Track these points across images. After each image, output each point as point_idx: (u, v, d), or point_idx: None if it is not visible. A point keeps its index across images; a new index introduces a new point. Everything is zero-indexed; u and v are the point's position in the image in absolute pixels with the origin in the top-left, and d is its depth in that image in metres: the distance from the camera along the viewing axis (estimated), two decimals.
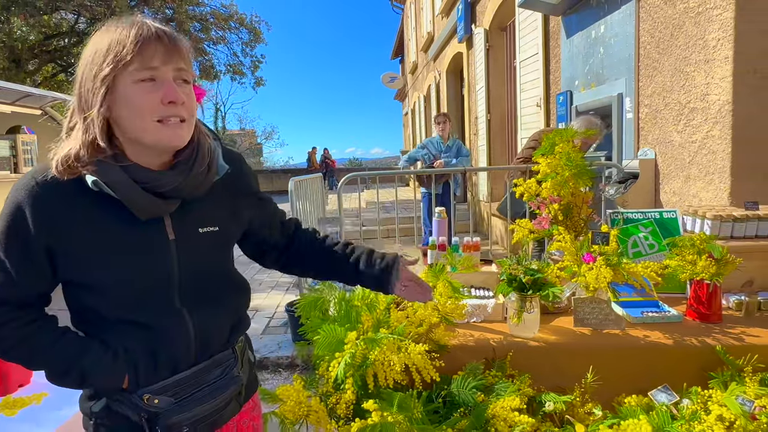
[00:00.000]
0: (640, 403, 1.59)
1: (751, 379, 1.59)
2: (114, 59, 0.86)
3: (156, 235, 0.96)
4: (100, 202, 0.92)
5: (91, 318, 0.99)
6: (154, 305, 0.98)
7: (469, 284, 2.05)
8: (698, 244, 1.87)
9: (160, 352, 0.99)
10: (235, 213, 1.09)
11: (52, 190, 0.90)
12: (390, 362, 1.45)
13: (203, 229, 1.00)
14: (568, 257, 1.89)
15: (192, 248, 0.99)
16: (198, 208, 1.00)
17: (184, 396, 1.01)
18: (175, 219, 0.97)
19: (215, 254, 1.05)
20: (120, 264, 0.94)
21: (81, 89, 0.91)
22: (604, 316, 1.81)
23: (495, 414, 1.42)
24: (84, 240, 0.92)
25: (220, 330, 1.07)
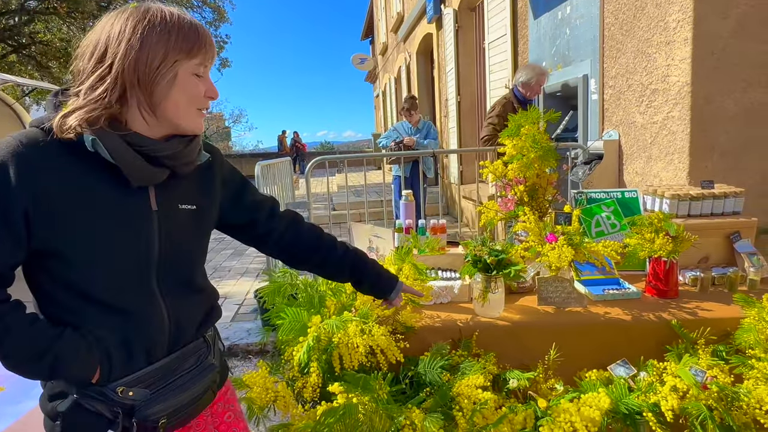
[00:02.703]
0: (600, 377, 1.65)
1: (704, 351, 1.67)
2: (186, 49, 0.94)
3: (141, 204, 0.97)
4: (88, 166, 0.92)
5: (61, 300, 0.94)
6: (131, 286, 0.97)
7: (436, 266, 2.07)
8: (656, 222, 1.93)
9: (134, 341, 0.97)
10: (212, 197, 1.13)
11: (39, 152, 0.89)
12: (354, 344, 1.47)
13: (182, 206, 1.03)
14: (532, 237, 1.94)
15: (171, 222, 1.01)
16: (178, 186, 1.03)
17: (160, 387, 0.99)
18: (158, 191, 1.00)
19: (191, 233, 1.06)
20: (104, 230, 0.92)
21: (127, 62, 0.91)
22: (566, 294, 1.86)
23: (460, 392, 1.46)
24: (69, 203, 0.90)
25: (193, 317, 1.07)
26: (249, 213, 1.25)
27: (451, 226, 5.11)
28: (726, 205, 2.24)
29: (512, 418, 1.44)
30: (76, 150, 0.91)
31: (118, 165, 0.92)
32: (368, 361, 1.53)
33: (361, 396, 1.27)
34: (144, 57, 0.92)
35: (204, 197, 1.10)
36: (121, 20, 0.93)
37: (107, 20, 0.95)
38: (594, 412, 1.46)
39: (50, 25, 12.28)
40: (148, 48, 0.92)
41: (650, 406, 1.50)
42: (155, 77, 0.93)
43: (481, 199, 4.39)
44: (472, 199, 6.17)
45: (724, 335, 1.74)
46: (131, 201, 0.96)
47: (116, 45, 0.92)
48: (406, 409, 1.36)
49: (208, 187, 1.12)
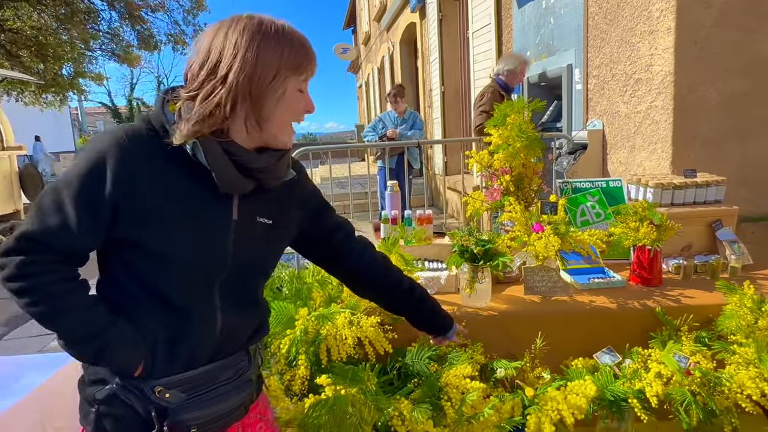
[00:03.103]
0: (586, 365, 1.68)
1: (687, 338, 1.71)
2: (296, 66, 0.97)
3: (223, 211, 1.00)
4: (182, 167, 0.95)
5: (126, 287, 0.97)
6: (195, 288, 0.99)
7: (423, 257, 2.08)
8: (640, 211, 1.96)
9: (181, 342, 0.98)
10: (290, 214, 1.14)
11: (140, 147, 0.93)
12: (342, 336, 1.47)
13: (260, 219, 1.05)
14: (518, 227, 1.95)
15: (248, 234, 1.02)
16: (260, 198, 1.04)
17: (196, 394, 1.00)
18: (241, 201, 1.01)
19: (263, 247, 1.08)
20: (186, 230, 0.95)
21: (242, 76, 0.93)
22: (553, 283, 1.89)
23: (448, 382, 1.47)
24: (158, 201, 0.93)
25: (244, 329, 1.09)
26: (327, 234, 1.27)
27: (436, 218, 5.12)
28: (708, 193, 2.29)
29: (500, 407, 1.45)
30: (174, 150, 0.94)
31: (212, 171, 0.95)
32: (356, 352, 1.53)
33: (350, 387, 1.27)
34: (258, 72, 0.94)
35: (282, 213, 1.11)
36: (236, 32, 0.94)
37: (220, 30, 0.96)
38: (580, 399, 1.49)
39: (20, 13, 11.94)
40: (263, 63, 0.94)
41: (635, 392, 1.53)
42: (267, 92, 0.96)
43: (467, 190, 4.41)
44: (457, 190, 6.19)
45: (707, 322, 1.78)
46: (215, 207, 0.99)
47: (231, 58, 0.93)
48: (394, 399, 1.37)
49: (288, 204, 1.14)
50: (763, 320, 1.69)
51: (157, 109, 0.97)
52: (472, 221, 1.94)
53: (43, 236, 0.90)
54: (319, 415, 1.19)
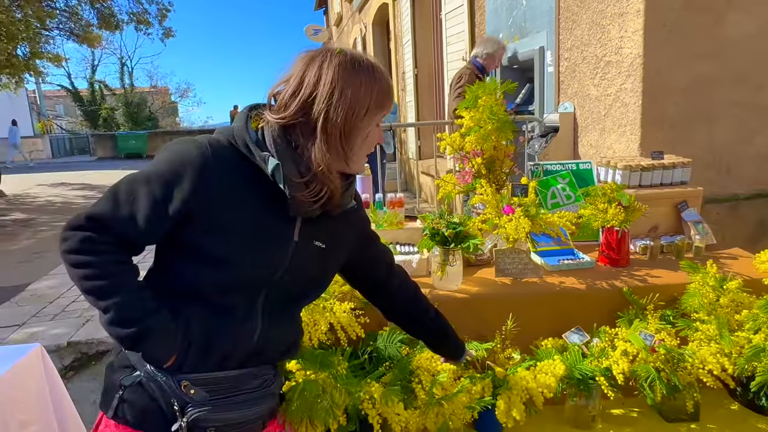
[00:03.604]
0: (555, 345, 1.73)
1: (653, 316, 1.77)
2: (382, 104, 1.03)
3: (286, 232, 1.05)
4: (256, 185, 1.00)
5: (176, 280, 1.01)
6: (242, 295, 1.03)
7: (395, 241, 2.10)
8: (609, 193, 2.01)
9: (216, 343, 1.02)
10: (343, 241, 1.19)
11: (221, 161, 0.98)
12: (314, 322, 1.48)
13: (316, 242, 1.10)
14: (489, 210, 1.98)
15: (304, 255, 1.07)
16: (319, 223, 1.09)
17: (220, 396, 1.03)
18: (302, 224, 1.06)
19: (314, 269, 1.12)
20: (248, 245, 1.00)
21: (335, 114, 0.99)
22: (523, 265, 1.92)
23: (419, 365, 1.50)
24: (228, 213, 0.98)
25: (280, 343, 1.13)
26: (372, 264, 1.32)
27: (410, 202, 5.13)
28: (674, 175, 2.35)
29: (470, 388, 1.48)
30: (252, 167, 1.00)
31: (288, 196, 0.99)
32: (328, 338, 1.54)
33: (320, 373, 1.28)
34: (354, 110, 0.99)
35: (337, 239, 1.16)
36: (332, 68, 0.99)
37: (313, 61, 1.00)
38: (549, 378, 1.53)
39: None
40: (357, 102, 0.99)
41: (602, 370, 1.58)
42: (358, 129, 1.01)
43: (440, 173, 4.43)
44: (430, 174, 6.22)
45: (672, 300, 1.85)
46: (280, 227, 1.04)
47: (325, 97, 0.98)
48: (365, 383, 1.38)
49: (344, 231, 1.18)
50: (724, 298, 1.76)
51: (241, 126, 1.02)
52: (444, 204, 1.95)
53: (110, 221, 0.95)
54: (289, 399, 1.20)
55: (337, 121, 0.98)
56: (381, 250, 1.35)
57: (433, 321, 1.43)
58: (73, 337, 3.38)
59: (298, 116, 0.99)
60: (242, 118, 1.03)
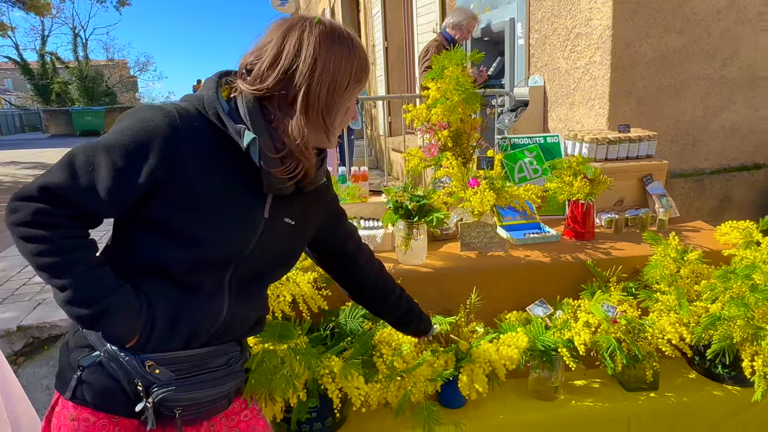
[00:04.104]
0: (519, 318, 1.76)
1: (615, 288, 1.82)
2: (361, 78, 1.02)
3: (257, 209, 1.03)
4: (229, 158, 0.97)
5: (139, 257, 0.98)
6: (208, 272, 1.01)
7: (359, 216, 2.09)
8: (575, 166, 2.04)
9: (182, 321, 1.00)
10: (313, 218, 1.19)
11: (191, 132, 0.94)
12: (277, 294, 1.48)
13: (286, 219, 1.09)
14: (455, 183, 1.99)
15: (274, 232, 1.06)
16: (288, 200, 1.08)
17: (185, 375, 1.01)
18: (273, 203, 1.05)
19: (283, 246, 1.11)
20: (218, 222, 0.98)
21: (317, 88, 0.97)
22: (488, 239, 1.94)
23: (381, 340, 1.51)
24: (199, 187, 0.95)
25: (246, 320, 1.12)
26: (338, 243, 1.32)
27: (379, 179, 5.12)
28: (640, 148, 2.40)
29: (433, 362, 1.51)
30: (223, 138, 0.96)
31: (262, 172, 0.97)
32: (290, 311, 1.53)
33: (279, 344, 1.28)
34: (337, 82, 0.98)
35: (306, 216, 1.15)
36: (313, 38, 0.96)
37: (292, 32, 0.97)
38: (512, 350, 1.57)
39: None
40: (340, 74, 0.98)
41: (565, 341, 1.63)
42: (340, 102, 1.00)
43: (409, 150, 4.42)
44: (400, 151, 6.20)
45: (635, 272, 1.90)
46: (251, 204, 1.02)
47: (307, 70, 0.95)
48: (325, 358, 1.38)
49: (313, 209, 1.17)
50: (684, 269, 1.82)
51: (211, 95, 0.98)
52: (408, 177, 1.95)
53: (66, 192, 0.90)
54: (248, 369, 1.20)
55: (319, 94, 0.96)
56: (349, 229, 1.35)
57: (398, 301, 1.43)
58: (23, 321, 3.29)
59: (276, 88, 0.96)
60: (212, 86, 0.99)
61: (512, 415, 1.64)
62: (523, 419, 1.64)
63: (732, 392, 1.73)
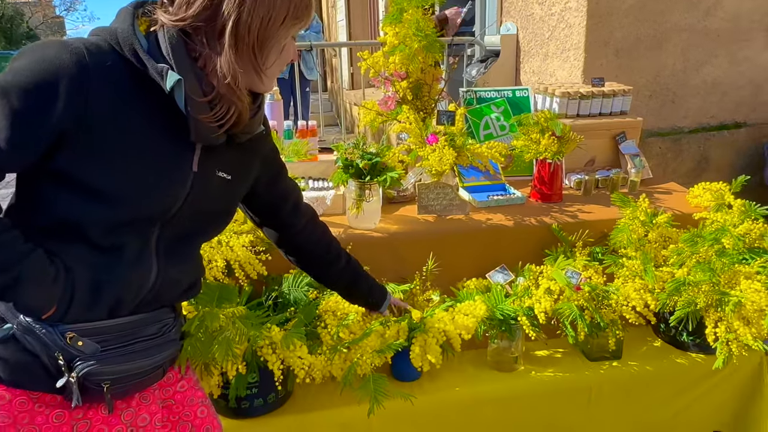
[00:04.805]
0: (479, 286, 1.81)
1: (581, 253, 1.88)
2: (300, 15, 0.98)
3: (185, 161, 1.00)
4: (148, 103, 0.94)
5: (53, 219, 0.94)
6: (132, 233, 0.99)
7: (307, 175, 2.08)
8: (542, 122, 2.06)
9: (105, 287, 0.97)
10: (249, 172, 1.17)
11: (104, 71, 0.90)
12: (208, 260, 1.47)
13: (219, 173, 1.07)
14: (412, 139, 1.99)
15: (204, 187, 1.04)
16: (222, 152, 1.05)
17: (113, 346, 1.00)
18: (202, 155, 1.02)
19: (216, 202, 1.10)
20: (140, 175, 0.95)
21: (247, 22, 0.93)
22: (448, 201, 1.96)
23: (327, 309, 1.53)
24: (114, 135, 0.91)
25: (178, 284, 1.10)
26: (277, 200, 1.31)
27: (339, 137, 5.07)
28: (614, 104, 2.44)
29: (383, 332, 1.53)
30: (142, 79, 0.92)
31: (188, 118, 0.93)
32: (223, 278, 1.53)
33: (218, 310, 1.28)
34: (271, 15, 0.93)
35: (242, 169, 1.14)
36: None
37: None
38: (469, 320, 1.61)
39: None
40: (274, 8, 0.94)
41: (525, 310, 1.68)
42: (273, 39, 0.96)
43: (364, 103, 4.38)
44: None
45: (602, 237, 1.96)
46: (177, 155, 0.99)
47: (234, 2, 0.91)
48: (265, 328, 1.39)
49: (249, 161, 1.16)
50: (653, 233, 1.88)
51: (126, 28, 0.92)
52: (359, 132, 1.94)
53: None
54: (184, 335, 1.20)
55: (251, 25, 0.92)
56: (289, 185, 1.34)
57: (345, 269, 1.44)
58: None
59: (202, 17, 0.92)
60: (126, 18, 0.94)
61: (469, 386, 1.70)
62: (481, 391, 1.70)
63: (696, 360, 1.83)
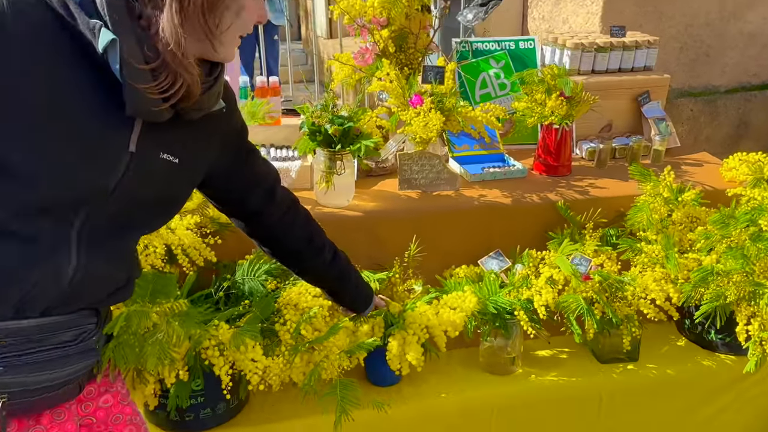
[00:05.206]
0: (470, 274, 1.82)
1: (592, 236, 1.89)
2: None
3: (119, 139, 0.99)
4: (78, 67, 0.93)
5: None
6: (49, 220, 0.97)
7: (268, 142, 2.07)
8: (549, 79, 2.06)
9: (10, 282, 0.97)
10: (204, 156, 1.17)
11: (25, 24, 0.89)
12: (145, 245, 1.47)
13: (164, 155, 1.06)
14: (393, 101, 1.98)
15: (145, 172, 1.04)
16: (168, 131, 1.04)
17: (15, 353, 0.99)
18: (143, 134, 1.01)
19: (159, 190, 1.10)
20: (64, 153, 0.94)
21: None
22: (435, 174, 1.97)
23: (288, 302, 1.53)
24: (34, 103, 0.91)
25: (103, 284, 1.10)
26: (244, 188, 1.32)
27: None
28: (637, 58, 2.44)
29: (355, 329, 1.55)
30: (71, 36, 0.90)
31: (123, 85, 0.92)
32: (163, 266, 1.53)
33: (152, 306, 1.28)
34: None
35: (194, 153, 1.13)
36: None
37: None
38: (456, 314, 1.62)
39: None
40: None
41: (523, 302, 1.70)
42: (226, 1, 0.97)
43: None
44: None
45: (618, 217, 1.98)
46: (110, 131, 0.98)
47: None
48: (211, 326, 1.40)
49: (204, 143, 1.15)
50: (678, 212, 1.90)
51: None
52: (328, 91, 1.92)
53: None
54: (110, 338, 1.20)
55: None
56: (261, 172, 1.35)
57: (332, 265, 1.46)
58: None
59: None
60: None
61: (457, 392, 1.72)
62: (471, 397, 1.73)
63: (725, 362, 1.87)
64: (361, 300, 1.56)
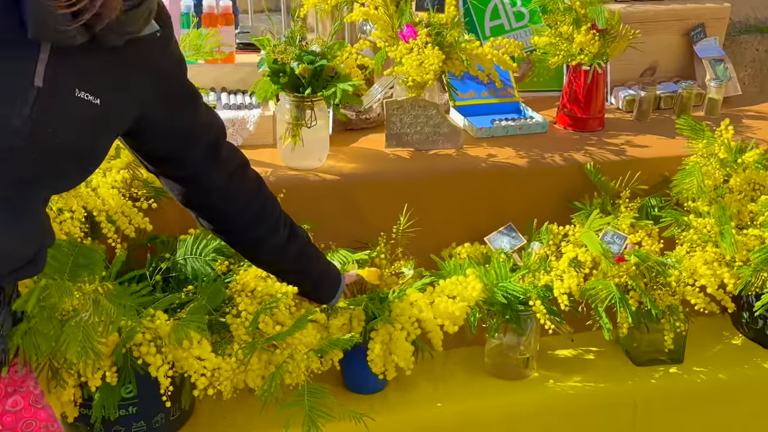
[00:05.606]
0: (474, 254, 1.82)
1: (628, 208, 1.89)
2: None
3: (20, 70, 1.00)
4: None
5: None
6: None
7: (219, 86, 2.05)
8: (577, 7, 2.03)
9: None
10: (132, 95, 1.17)
11: None
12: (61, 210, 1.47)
13: (81, 93, 1.06)
14: (379, 33, 1.96)
15: (55, 112, 1.04)
16: (85, 62, 1.05)
17: None
18: (51, 63, 1.01)
19: (77, 136, 1.09)
20: None
21: None
22: (432, 128, 1.95)
23: (244, 286, 1.53)
24: None
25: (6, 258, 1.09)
26: (180, 142, 1.32)
27: None
28: None
29: (328, 323, 1.54)
30: None
31: None
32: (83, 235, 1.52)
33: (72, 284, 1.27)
34: None
35: (120, 91, 1.13)
36: None
37: None
38: (456, 305, 1.62)
39: None
40: None
41: (540, 290, 1.70)
42: None
43: None
44: None
45: (661, 183, 1.98)
46: (8, 61, 0.98)
47: None
48: (145, 316, 1.40)
49: (132, 79, 1.15)
50: (737, 177, 1.89)
51: None
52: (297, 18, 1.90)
53: None
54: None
55: None
56: (203, 122, 1.35)
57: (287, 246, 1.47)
58: None
59: None
60: None
61: (458, 402, 1.73)
62: (474, 407, 1.74)
63: None
64: (326, 286, 1.55)
